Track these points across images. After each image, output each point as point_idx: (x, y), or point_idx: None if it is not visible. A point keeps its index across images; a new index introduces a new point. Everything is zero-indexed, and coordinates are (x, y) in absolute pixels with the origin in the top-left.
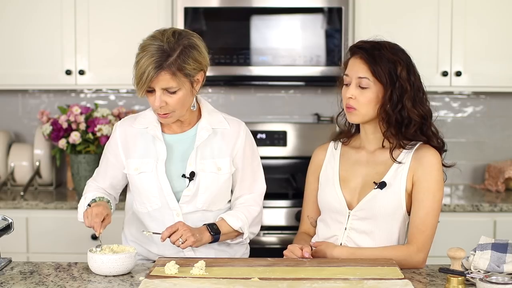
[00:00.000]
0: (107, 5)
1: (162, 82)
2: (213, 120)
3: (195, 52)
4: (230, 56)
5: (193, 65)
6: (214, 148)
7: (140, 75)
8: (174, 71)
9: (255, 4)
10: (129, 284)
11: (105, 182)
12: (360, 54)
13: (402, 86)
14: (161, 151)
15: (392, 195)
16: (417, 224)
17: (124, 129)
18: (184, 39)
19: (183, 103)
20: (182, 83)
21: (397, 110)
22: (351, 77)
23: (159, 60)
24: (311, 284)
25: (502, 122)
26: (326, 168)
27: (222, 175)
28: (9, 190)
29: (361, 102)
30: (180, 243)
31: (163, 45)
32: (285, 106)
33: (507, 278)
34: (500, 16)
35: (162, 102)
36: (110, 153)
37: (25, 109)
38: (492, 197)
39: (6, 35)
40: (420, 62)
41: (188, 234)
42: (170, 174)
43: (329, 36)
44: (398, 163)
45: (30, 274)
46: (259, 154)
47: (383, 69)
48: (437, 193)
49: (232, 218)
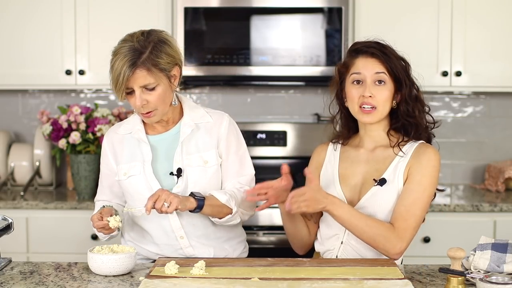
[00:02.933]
0: (107, 5)
1: (139, 80)
2: (195, 116)
3: (166, 46)
4: (230, 56)
5: (166, 59)
6: (199, 142)
7: (116, 77)
8: (149, 67)
9: (255, 4)
10: (129, 284)
11: (106, 194)
12: (372, 51)
13: (411, 82)
14: (147, 152)
15: (392, 191)
16: (400, 211)
17: (111, 138)
18: (153, 36)
19: (164, 99)
20: (159, 78)
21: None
22: (365, 75)
23: (132, 59)
24: (311, 284)
25: (502, 122)
26: (327, 167)
27: (210, 168)
28: (9, 190)
29: (379, 100)
30: (166, 207)
31: (134, 45)
32: (285, 106)
33: (507, 278)
34: (500, 16)
35: (143, 100)
36: (103, 164)
37: (25, 109)
38: (492, 197)
39: (6, 35)
40: (420, 62)
41: (171, 196)
42: (158, 173)
43: (329, 36)
44: (404, 153)
45: (30, 274)
46: (245, 143)
47: (397, 66)
48: (428, 187)
49: (219, 193)
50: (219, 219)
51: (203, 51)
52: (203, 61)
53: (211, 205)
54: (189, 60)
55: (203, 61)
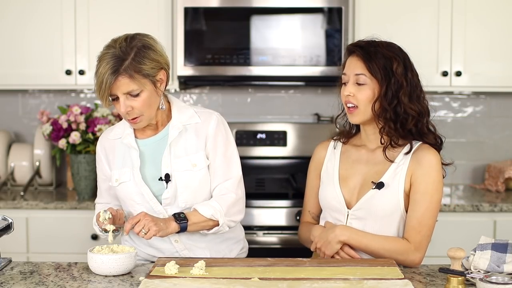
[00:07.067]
0: (107, 5)
1: (122, 87)
2: (183, 117)
3: (150, 52)
4: (230, 56)
5: (149, 64)
6: (187, 145)
7: (99, 84)
8: (132, 74)
9: (255, 4)
10: (129, 284)
11: (105, 197)
12: (356, 52)
13: (398, 81)
14: (135, 158)
15: (390, 195)
16: (413, 224)
17: (103, 143)
18: (136, 41)
19: (149, 104)
20: (143, 84)
21: (392, 105)
22: (349, 76)
23: (114, 66)
24: (311, 284)
25: (502, 122)
26: (327, 166)
27: (199, 171)
28: (9, 190)
29: (359, 99)
30: (144, 234)
31: (116, 51)
32: (285, 106)
33: (507, 278)
34: (500, 16)
35: (128, 107)
36: (99, 169)
37: (25, 109)
38: (492, 197)
39: (6, 35)
40: (420, 62)
41: (150, 224)
42: (146, 179)
43: (329, 36)
44: (391, 162)
45: (30, 274)
46: (234, 143)
47: (378, 65)
48: (435, 194)
49: (203, 207)
50: (207, 231)
51: (203, 51)
52: (203, 61)
53: (195, 223)
54: (189, 60)
55: (203, 61)
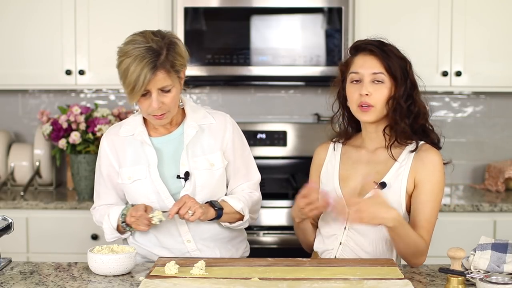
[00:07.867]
0: (107, 5)
1: (159, 82)
2: (197, 117)
3: (177, 48)
4: (230, 56)
5: (180, 60)
6: (204, 144)
7: (134, 80)
8: (168, 69)
9: (255, 4)
10: (129, 284)
11: (111, 197)
12: (371, 50)
13: (411, 81)
14: (151, 155)
15: (392, 195)
16: (423, 225)
17: (111, 139)
18: (165, 37)
19: (177, 101)
20: (175, 79)
21: (408, 103)
22: (363, 74)
23: (152, 60)
24: (311, 284)
25: (502, 122)
26: (327, 167)
27: (216, 171)
28: (9, 190)
29: (377, 99)
30: (190, 215)
31: (151, 45)
32: (285, 106)
33: (507, 278)
34: (500, 16)
35: (160, 103)
36: (103, 167)
37: (25, 109)
38: (492, 197)
39: (6, 35)
40: (420, 62)
41: (196, 206)
42: (164, 176)
43: (329, 36)
44: (394, 160)
45: (30, 274)
46: (247, 144)
47: (396, 65)
48: (439, 194)
49: (233, 200)
50: (230, 224)
51: (203, 51)
52: (203, 61)
53: (227, 213)
54: (189, 60)
55: (203, 61)
